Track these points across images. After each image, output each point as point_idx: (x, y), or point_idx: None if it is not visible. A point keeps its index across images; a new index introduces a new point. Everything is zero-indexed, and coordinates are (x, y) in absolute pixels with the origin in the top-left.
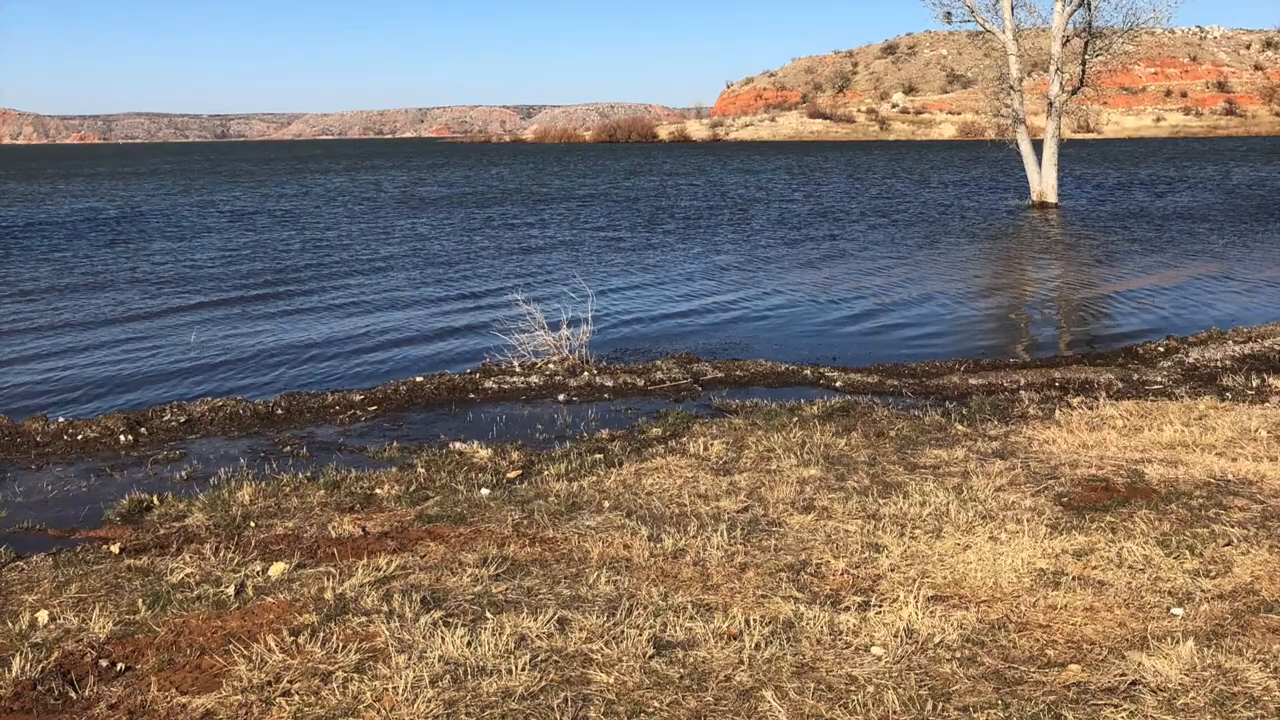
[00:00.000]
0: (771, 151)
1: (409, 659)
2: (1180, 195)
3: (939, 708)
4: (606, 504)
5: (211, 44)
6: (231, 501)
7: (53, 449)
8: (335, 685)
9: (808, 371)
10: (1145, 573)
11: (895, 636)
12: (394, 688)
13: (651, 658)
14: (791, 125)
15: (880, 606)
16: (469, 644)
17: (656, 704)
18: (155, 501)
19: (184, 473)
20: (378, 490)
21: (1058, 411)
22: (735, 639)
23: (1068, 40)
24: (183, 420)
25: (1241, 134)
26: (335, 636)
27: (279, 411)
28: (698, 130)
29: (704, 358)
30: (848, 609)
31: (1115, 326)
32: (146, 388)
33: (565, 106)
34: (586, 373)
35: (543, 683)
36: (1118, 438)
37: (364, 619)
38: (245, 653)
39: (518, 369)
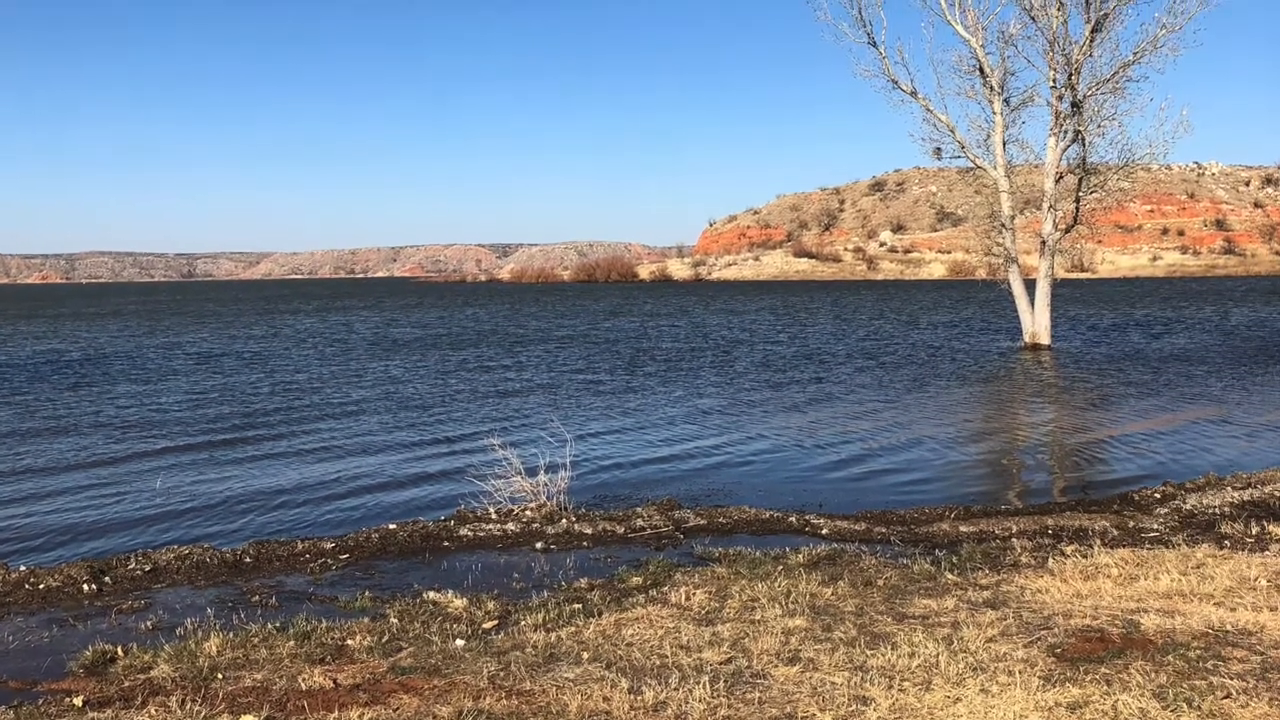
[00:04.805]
0: (756, 291)
1: None
2: (1177, 337)
3: None
4: (585, 655)
5: (177, 181)
6: (198, 652)
7: (14, 598)
8: None
9: (793, 518)
10: None
11: None
12: None
13: None
14: (776, 264)
15: None
16: None
17: None
18: (120, 653)
19: (149, 623)
20: (349, 641)
21: (1051, 560)
22: None
23: (1061, 177)
24: (148, 569)
25: (1240, 273)
26: None
27: (247, 560)
28: (679, 269)
29: (686, 504)
30: None
31: (1110, 472)
32: (111, 535)
33: (543, 245)
34: (565, 520)
35: None
36: (1113, 587)
37: None
38: None
39: (494, 516)
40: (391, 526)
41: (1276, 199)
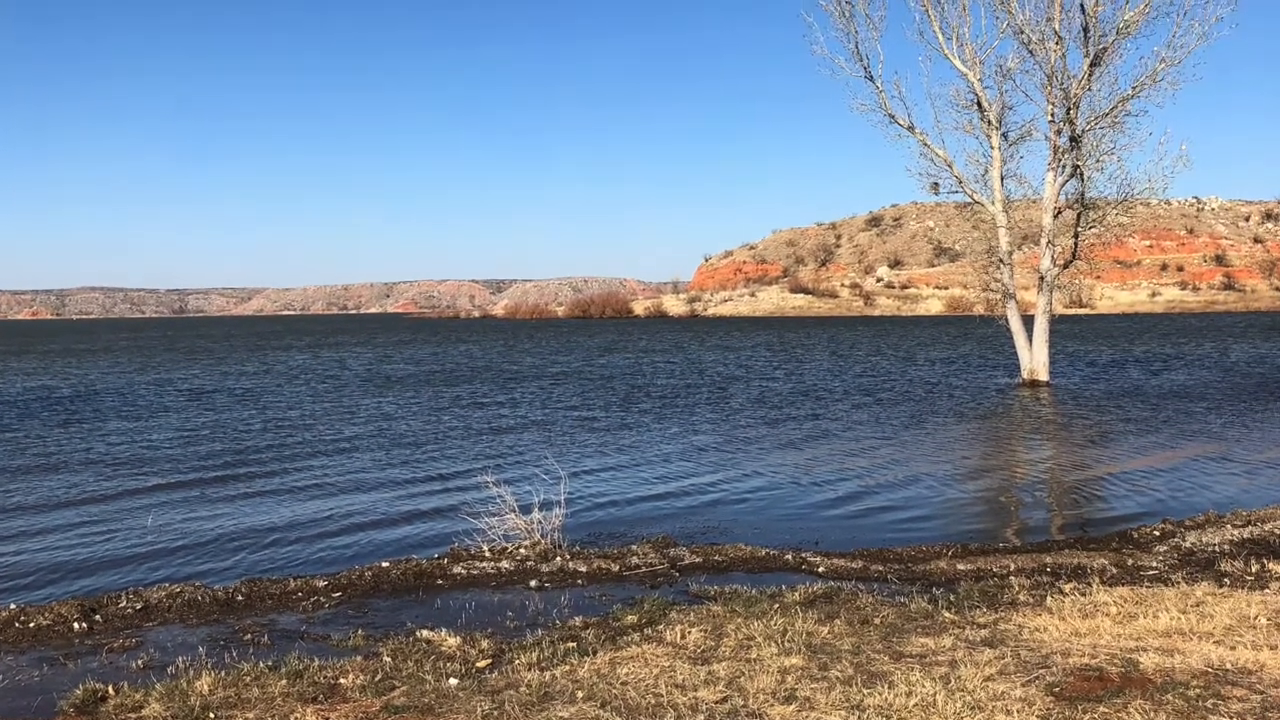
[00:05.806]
0: (751, 327)
1: None
2: (1176, 373)
3: None
4: (580, 694)
5: (169, 216)
6: (190, 692)
7: (3, 637)
8: None
9: (789, 556)
10: None
11: None
12: None
13: None
14: (772, 300)
15: None
16: None
17: None
18: (110, 691)
19: (140, 661)
20: (342, 680)
21: (1049, 598)
22: None
23: (1059, 212)
24: (139, 607)
25: (1240, 309)
26: None
27: (239, 598)
28: (675, 305)
29: (681, 542)
30: None
31: (1109, 510)
32: (101, 573)
33: (537, 281)
34: (559, 557)
35: None
36: (1111, 625)
37: None
38: None
39: (488, 554)
40: (385, 564)
41: (1277, 234)
